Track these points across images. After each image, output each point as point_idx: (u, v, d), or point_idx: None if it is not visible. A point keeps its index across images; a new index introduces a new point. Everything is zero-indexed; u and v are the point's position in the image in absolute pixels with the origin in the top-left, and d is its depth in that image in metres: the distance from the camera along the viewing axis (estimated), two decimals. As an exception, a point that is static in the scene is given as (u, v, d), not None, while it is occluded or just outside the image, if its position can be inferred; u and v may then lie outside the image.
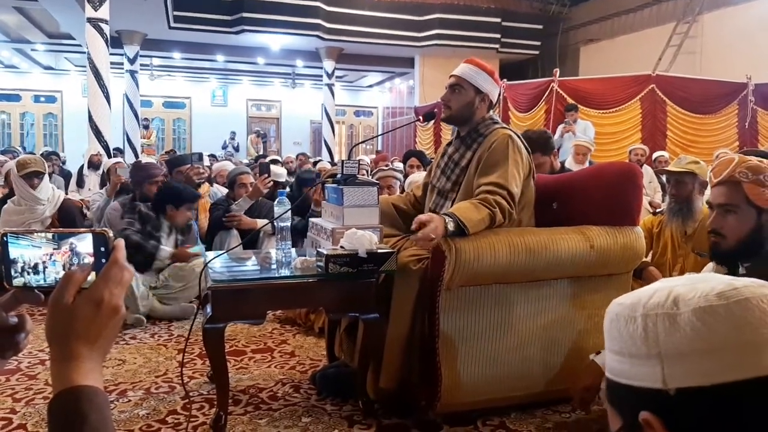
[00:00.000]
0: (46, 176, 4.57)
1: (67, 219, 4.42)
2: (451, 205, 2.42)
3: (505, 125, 2.58)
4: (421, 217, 2.13)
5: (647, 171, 6.45)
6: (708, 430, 0.59)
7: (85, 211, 5.37)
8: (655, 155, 7.38)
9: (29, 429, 2.30)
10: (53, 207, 4.44)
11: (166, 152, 12.43)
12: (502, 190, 2.29)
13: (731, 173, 1.74)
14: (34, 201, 4.35)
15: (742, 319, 0.59)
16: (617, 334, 0.66)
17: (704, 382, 0.58)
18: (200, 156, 5.33)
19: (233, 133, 17.83)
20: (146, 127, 15.73)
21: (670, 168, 2.96)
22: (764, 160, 1.76)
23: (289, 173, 7.23)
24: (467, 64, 2.58)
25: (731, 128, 9.29)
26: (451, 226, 2.12)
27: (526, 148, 2.51)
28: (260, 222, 4.30)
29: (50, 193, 4.48)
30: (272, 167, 5.48)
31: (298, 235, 3.77)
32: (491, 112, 2.61)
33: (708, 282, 0.63)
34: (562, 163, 6.00)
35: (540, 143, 3.53)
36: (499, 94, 2.67)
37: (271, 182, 4.58)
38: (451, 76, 2.59)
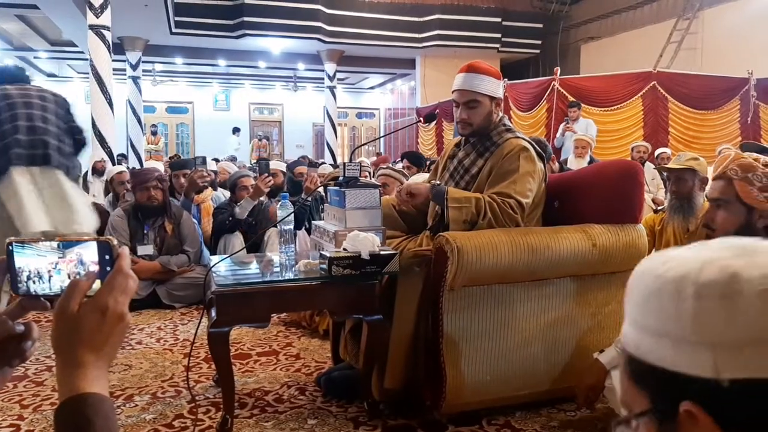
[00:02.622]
0: None
1: None
2: None
3: (518, 134, 2.53)
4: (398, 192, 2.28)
5: (650, 168, 6.45)
6: (765, 428, 0.52)
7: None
8: (657, 152, 7.38)
9: (37, 435, 2.32)
10: None
11: (170, 157, 12.46)
12: (509, 198, 2.31)
13: (725, 169, 1.76)
14: None
15: None
16: (658, 312, 0.57)
17: (765, 374, 0.51)
18: (203, 159, 5.33)
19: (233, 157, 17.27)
20: (154, 133, 15.77)
21: (670, 165, 2.97)
22: (760, 158, 1.77)
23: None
24: (472, 74, 2.46)
25: (733, 123, 9.28)
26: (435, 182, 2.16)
27: (539, 155, 2.49)
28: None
29: None
30: (271, 163, 5.48)
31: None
32: (501, 113, 2.58)
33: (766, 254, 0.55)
34: (563, 163, 6.01)
35: None
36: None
37: (272, 181, 4.59)
38: (456, 91, 2.49)
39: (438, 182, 2.25)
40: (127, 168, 7.76)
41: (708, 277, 0.54)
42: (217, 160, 11.81)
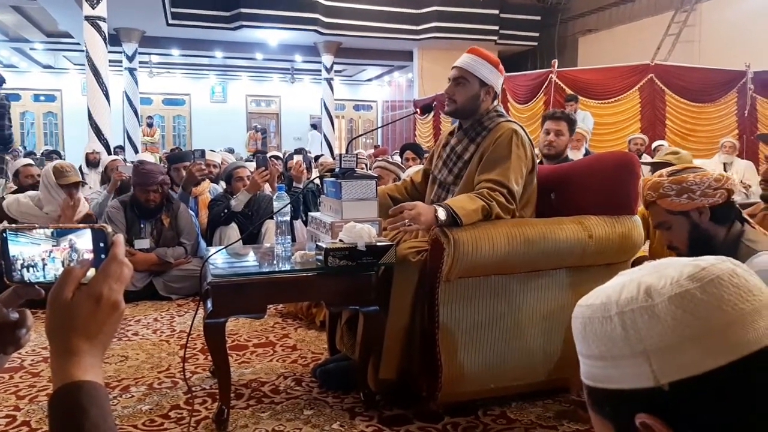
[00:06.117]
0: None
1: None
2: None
3: (510, 119, 2.55)
4: (404, 204, 2.19)
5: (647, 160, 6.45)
6: (711, 419, 0.56)
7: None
8: (654, 144, 7.39)
9: (33, 426, 2.32)
10: None
11: (170, 150, 12.41)
12: (502, 188, 2.30)
13: (644, 198, 1.87)
14: None
15: (719, 299, 0.58)
16: (594, 338, 0.63)
17: (696, 370, 0.56)
18: (202, 152, 5.32)
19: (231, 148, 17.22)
20: (150, 125, 15.72)
21: (655, 159, 3.07)
22: (662, 171, 1.87)
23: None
24: (471, 55, 2.50)
25: (731, 116, 9.27)
26: (442, 215, 2.14)
27: (530, 142, 2.50)
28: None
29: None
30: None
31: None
32: (496, 102, 2.57)
33: (673, 267, 0.62)
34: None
35: (566, 117, 3.77)
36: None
37: (269, 175, 4.59)
38: (453, 67, 2.52)
39: (440, 205, 2.19)
40: (124, 160, 7.74)
41: (627, 295, 0.61)
42: (213, 152, 11.80)
